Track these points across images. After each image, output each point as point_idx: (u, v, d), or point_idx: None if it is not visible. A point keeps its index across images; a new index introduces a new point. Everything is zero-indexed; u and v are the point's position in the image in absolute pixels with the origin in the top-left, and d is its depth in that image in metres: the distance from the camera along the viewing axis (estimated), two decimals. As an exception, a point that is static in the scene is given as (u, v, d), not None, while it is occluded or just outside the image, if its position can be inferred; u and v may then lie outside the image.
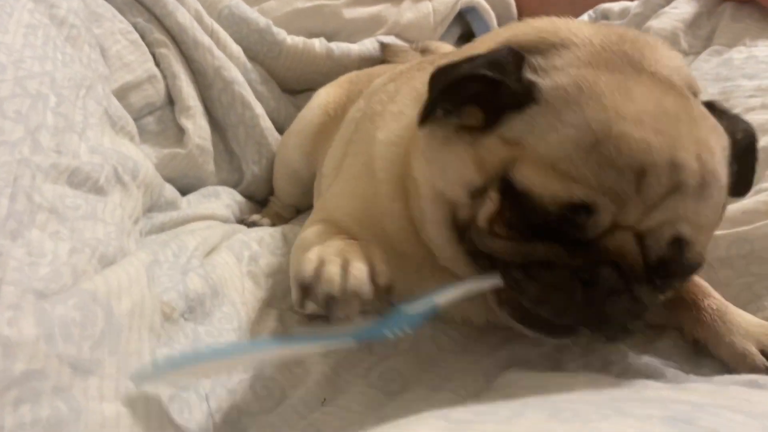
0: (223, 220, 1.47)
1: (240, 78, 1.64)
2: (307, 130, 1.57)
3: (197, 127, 1.55)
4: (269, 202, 1.71)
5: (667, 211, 0.69)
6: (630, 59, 0.77)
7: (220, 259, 1.16)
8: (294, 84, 1.86)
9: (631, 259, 0.71)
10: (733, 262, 1.00)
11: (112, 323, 0.74)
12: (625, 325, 0.74)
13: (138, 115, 1.45)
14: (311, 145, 1.55)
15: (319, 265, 0.74)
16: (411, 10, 2.08)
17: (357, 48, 1.89)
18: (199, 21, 1.61)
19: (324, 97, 1.60)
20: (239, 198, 1.63)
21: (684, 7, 1.92)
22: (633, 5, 2.08)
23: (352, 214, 0.97)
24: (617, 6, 2.17)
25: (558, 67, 0.74)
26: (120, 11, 1.50)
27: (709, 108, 0.79)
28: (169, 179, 1.45)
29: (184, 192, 1.52)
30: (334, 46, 1.85)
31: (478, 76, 0.74)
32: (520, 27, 0.87)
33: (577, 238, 0.70)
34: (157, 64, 1.53)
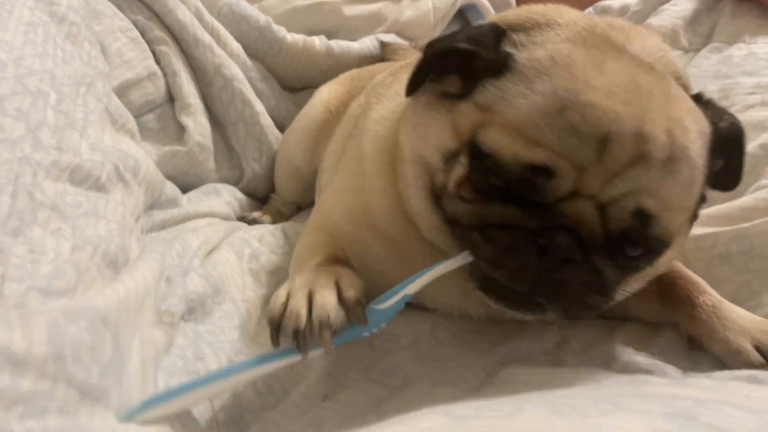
0: (224, 218, 1.47)
1: (240, 75, 1.64)
2: (309, 126, 1.58)
3: (198, 124, 1.55)
4: (270, 199, 1.71)
5: (630, 181, 0.70)
6: (612, 42, 0.78)
7: (221, 256, 1.17)
8: (294, 82, 1.86)
9: (589, 227, 0.71)
10: (733, 259, 1.00)
11: (119, 351, 0.73)
12: (584, 299, 0.74)
13: (138, 113, 1.45)
14: (313, 141, 1.56)
15: (287, 300, 0.76)
16: (411, 8, 2.08)
17: (357, 46, 1.89)
18: (200, 18, 1.61)
19: (326, 95, 1.61)
20: (240, 195, 1.63)
21: (684, 4, 1.92)
22: (633, 2, 2.08)
23: (345, 212, 0.98)
24: (617, 3, 2.17)
25: (537, 43, 0.77)
26: (120, 8, 1.50)
27: (695, 98, 0.80)
28: (170, 177, 1.45)
29: (184, 189, 1.52)
30: (334, 44, 1.85)
31: (457, 48, 0.78)
32: (514, 9, 0.90)
33: (536, 201, 0.72)
34: (158, 62, 1.53)
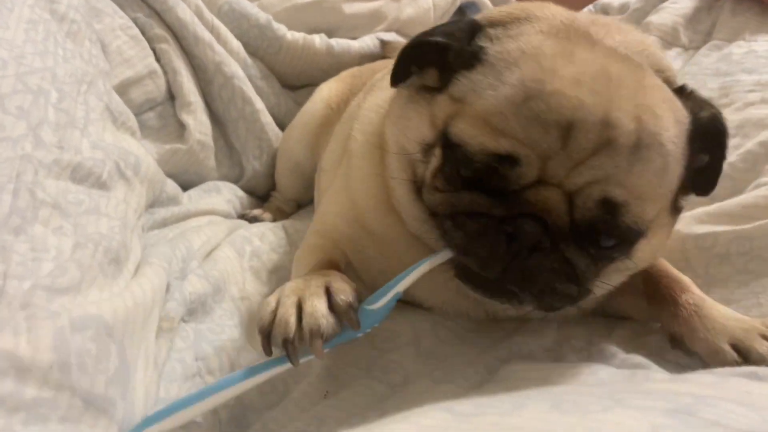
0: (224, 216, 1.47)
1: (240, 73, 1.64)
2: (310, 123, 1.58)
3: (198, 122, 1.55)
4: (270, 197, 1.71)
5: (595, 169, 0.70)
6: (588, 34, 0.79)
7: (221, 254, 1.17)
8: (294, 80, 1.86)
9: (556, 215, 0.72)
10: (732, 260, 1.00)
11: (125, 363, 0.73)
12: (555, 287, 0.74)
13: (139, 111, 1.45)
14: (314, 138, 1.56)
15: (276, 308, 0.75)
16: (411, 6, 2.08)
17: (357, 44, 1.89)
18: (200, 16, 1.61)
19: (326, 92, 1.61)
20: (240, 193, 1.63)
21: (684, 2, 1.92)
22: (633, 0, 2.08)
23: (342, 213, 1.00)
24: (617, 1, 2.17)
25: (511, 36, 0.78)
26: (120, 7, 1.49)
27: (678, 91, 0.80)
28: (170, 175, 1.45)
29: (185, 187, 1.52)
30: (335, 42, 1.85)
31: (432, 42, 0.81)
32: (501, 7, 0.92)
33: (503, 189, 0.73)
34: (158, 60, 1.53)
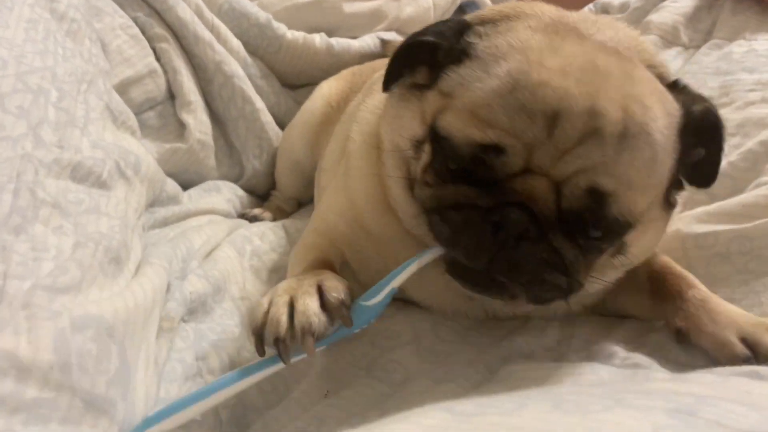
0: (224, 215, 1.47)
1: (240, 72, 1.64)
2: (310, 121, 1.58)
3: (198, 121, 1.55)
4: (270, 196, 1.71)
5: (582, 157, 0.70)
6: (578, 30, 0.79)
7: (222, 253, 1.17)
8: (294, 79, 1.85)
9: (542, 204, 0.72)
10: (732, 259, 1.01)
11: (125, 363, 0.73)
12: (543, 277, 0.74)
13: (139, 110, 1.45)
14: (314, 136, 1.57)
15: (269, 308, 0.76)
16: (411, 5, 2.08)
17: (357, 44, 1.89)
18: (200, 16, 1.61)
19: (326, 89, 1.61)
20: (240, 192, 1.63)
21: (684, 1, 1.92)
22: (633, -1, 2.08)
23: (341, 213, 1.00)
24: (617, 0, 2.17)
25: (500, 32, 0.79)
26: (120, 6, 1.49)
27: (671, 86, 0.80)
28: (171, 174, 1.45)
29: (185, 187, 1.52)
30: (335, 41, 1.85)
31: (421, 41, 0.82)
32: (492, 6, 0.93)
33: (488, 179, 0.73)
34: (158, 59, 1.53)
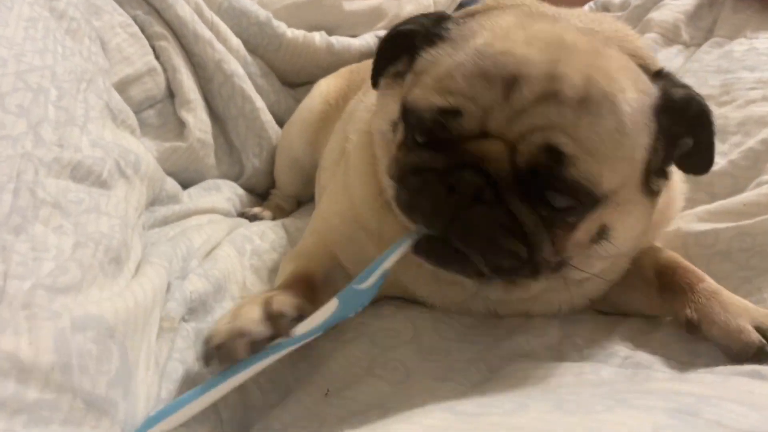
0: (224, 214, 1.47)
1: (240, 71, 1.64)
2: (309, 118, 1.58)
3: (198, 120, 1.55)
4: (270, 195, 1.71)
5: (537, 117, 0.72)
6: (555, 17, 0.82)
7: (222, 252, 1.17)
8: (294, 77, 1.85)
9: (497, 164, 0.74)
10: (734, 256, 1.01)
11: (126, 364, 0.73)
12: (502, 243, 0.75)
13: (138, 109, 1.44)
14: (313, 133, 1.57)
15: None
16: (411, 3, 2.07)
17: (357, 42, 1.89)
18: (199, 14, 1.60)
19: (324, 87, 1.61)
20: (240, 191, 1.63)
21: (685, -1, 1.91)
22: (633, -3, 2.07)
23: (339, 212, 1.01)
24: (618, -2, 2.16)
25: (476, 19, 0.82)
26: (119, 4, 1.49)
27: (657, 74, 0.81)
28: (170, 173, 1.45)
29: (184, 185, 1.52)
30: (335, 40, 1.84)
31: (400, 32, 0.88)
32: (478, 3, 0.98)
33: (447, 142, 0.76)
34: (157, 57, 1.53)
